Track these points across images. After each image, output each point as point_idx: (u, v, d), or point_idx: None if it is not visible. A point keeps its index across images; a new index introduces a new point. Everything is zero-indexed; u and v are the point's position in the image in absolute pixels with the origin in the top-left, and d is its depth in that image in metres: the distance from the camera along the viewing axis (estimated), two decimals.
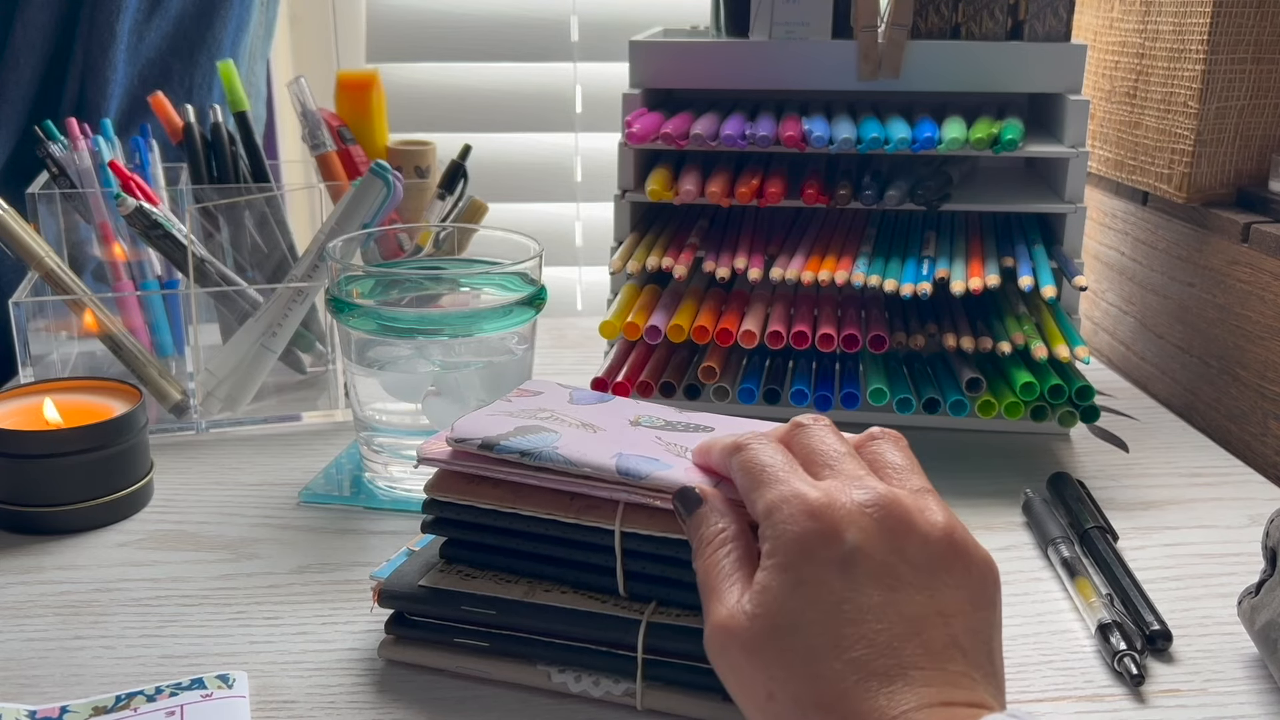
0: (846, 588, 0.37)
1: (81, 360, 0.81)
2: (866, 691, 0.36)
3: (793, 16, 0.75)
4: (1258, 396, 0.75)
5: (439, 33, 1.12)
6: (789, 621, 0.37)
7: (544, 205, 1.17)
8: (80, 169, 0.79)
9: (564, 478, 0.47)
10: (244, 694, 0.47)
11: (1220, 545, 0.62)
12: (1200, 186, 0.80)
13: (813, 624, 0.37)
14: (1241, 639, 0.53)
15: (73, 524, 0.63)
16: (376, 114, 0.87)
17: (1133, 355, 0.91)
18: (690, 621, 0.45)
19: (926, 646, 0.37)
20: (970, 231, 0.76)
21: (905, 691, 0.36)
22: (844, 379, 0.72)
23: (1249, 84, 0.78)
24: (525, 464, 0.47)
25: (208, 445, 0.74)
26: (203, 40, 0.96)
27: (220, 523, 0.64)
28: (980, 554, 0.41)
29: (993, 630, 0.40)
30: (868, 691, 0.36)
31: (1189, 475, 0.71)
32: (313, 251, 0.75)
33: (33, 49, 0.90)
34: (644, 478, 0.45)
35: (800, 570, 0.38)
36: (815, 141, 0.71)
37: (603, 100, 1.13)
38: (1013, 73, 0.74)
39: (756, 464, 0.42)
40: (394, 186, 0.73)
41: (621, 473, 0.46)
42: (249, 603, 0.56)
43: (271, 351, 0.75)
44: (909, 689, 0.36)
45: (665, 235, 0.77)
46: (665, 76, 0.78)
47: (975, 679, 0.37)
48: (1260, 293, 0.75)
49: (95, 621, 0.54)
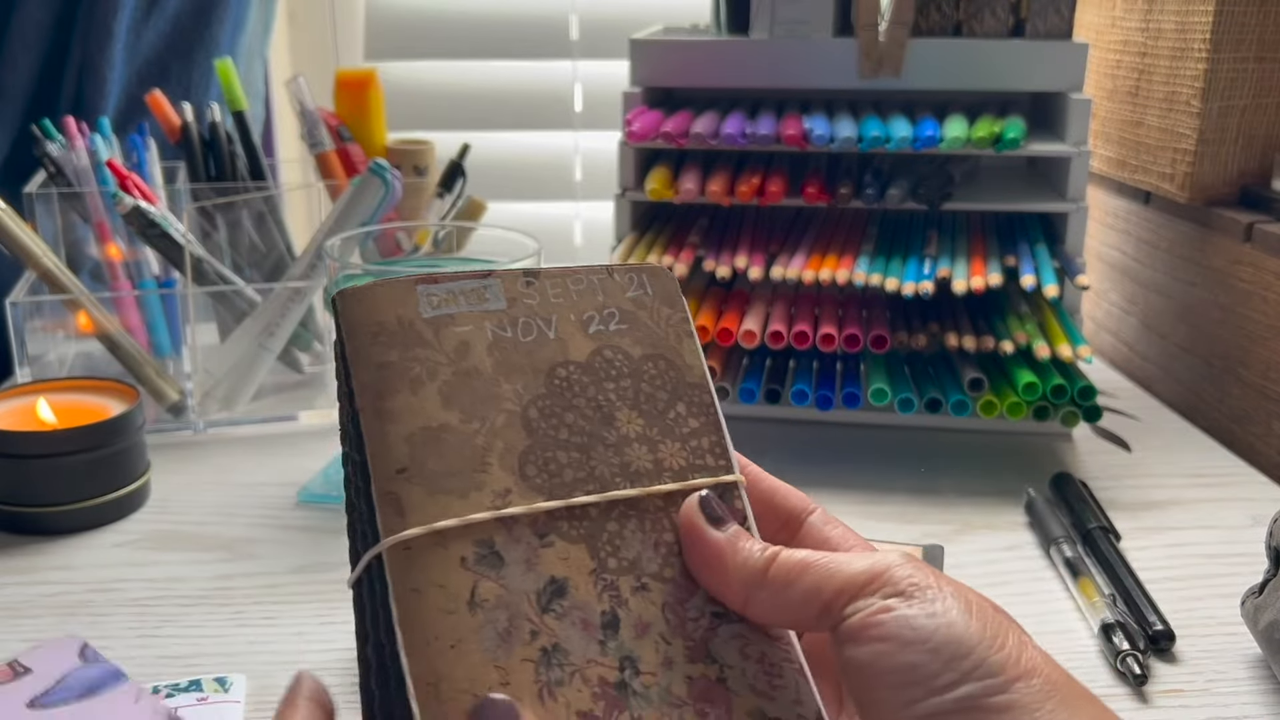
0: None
1: (79, 360, 0.81)
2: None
3: (793, 14, 0.75)
4: (1260, 397, 0.75)
5: (438, 31, 1.12)
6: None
7: (543, 204, 1.17)
8: (78, 168, 0.78)
9: None
10: (239, 699, 0.47)
11: (1223, 545, 0.62)
12: (1203, 186, 0.80)
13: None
14: (1244, 639, 0.53)
15: (69, 524, 0.62)
16: (375, 113, 0.87)
17: (1135, 355, 0.91)
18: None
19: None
20: (972, 230, 0.76)
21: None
22: (845, 379, 0.72)
23: (1252, 83, 0.78)
24: None
25: (205, 445, 0.74)
26: (200, 39, 0.96)
27: (218, 523, 0.64)
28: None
29: None
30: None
31: (1192, 475, 0.70)
32: (311, 250, 0.74)
33: (30, 47, 0.89)
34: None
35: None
36: (816, 140, 0.70)
37: (602, 99, 1.12)
38: (1014, 71, 0.74)
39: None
40: (392, 185, 0.72)
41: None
42: (247, 603, 0.56)
43: (269, 351, 0.74)
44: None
45: (665, 234, 0.76)
46: (665, 75, 0.78)
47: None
48: (1263, 293, 0.74)
49: (92, 622, 0.54)
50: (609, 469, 0.35)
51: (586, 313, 0.38)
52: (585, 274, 0.39)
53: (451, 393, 0.35)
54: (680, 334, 0.38)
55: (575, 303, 0.38)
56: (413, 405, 0.34)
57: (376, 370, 0.34)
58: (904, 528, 0.63)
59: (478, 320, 0.36)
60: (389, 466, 0.33)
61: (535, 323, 0.37)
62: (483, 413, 0.35)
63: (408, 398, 0.34)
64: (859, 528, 0.62)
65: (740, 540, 0.34)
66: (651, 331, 0.38)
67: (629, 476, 0.36)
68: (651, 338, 0.38)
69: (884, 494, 0.67)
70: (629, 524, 0.35)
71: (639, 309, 0.39)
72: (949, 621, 0.30)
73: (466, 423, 0.35)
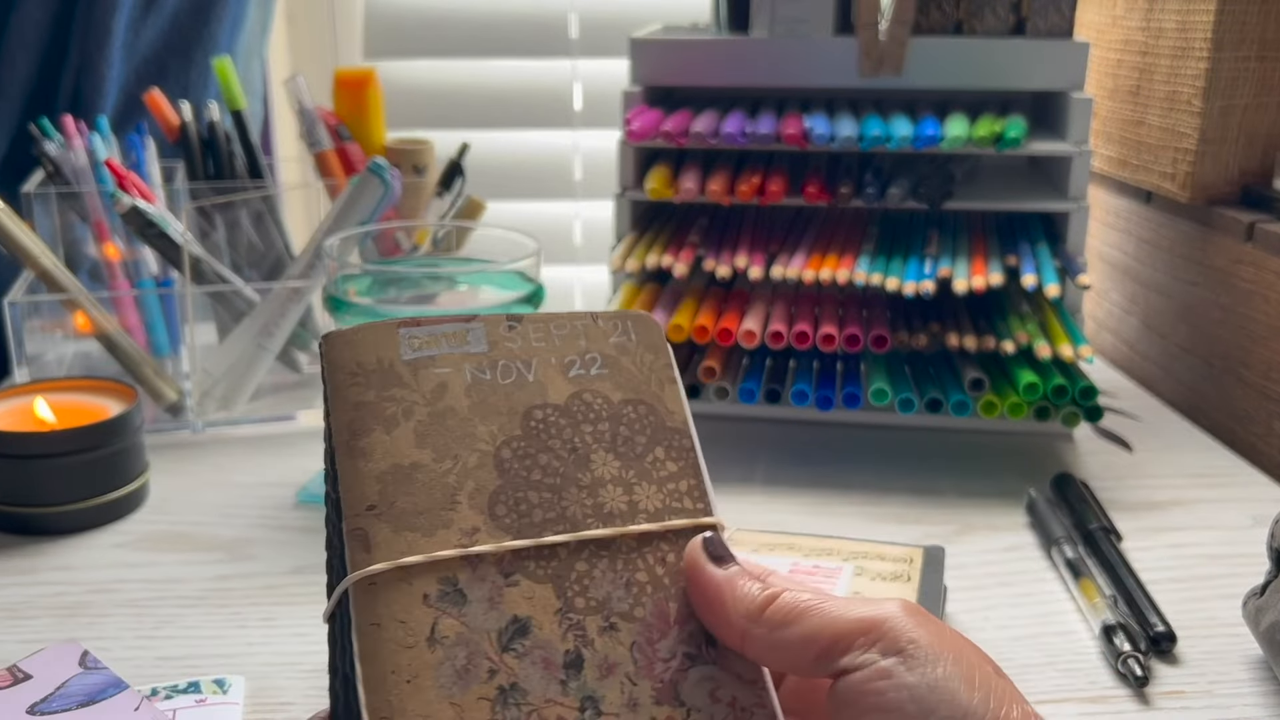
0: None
1: (77, 360, 0.80)
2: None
3: (794, 13, 0.75)
4: (1261, 397, 0.75)
5: (437, 29, 1.12)
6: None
7: (543, 203, 1.17)
8: (76, 167, 0.78)
9: None
10: (238, 700, 0.47)
11: (1224, 546, 0.61)
12: (1204, 185, 0.80)
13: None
14: (1246, 640, 0.52)
15: (68, 525, 0.62)
16: (374, 112, 0.87)
17: (1136, 355, 0.91)
18: None
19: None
20: (973, 230, 0.76)
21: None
22: (846, 379, 0.72)
23: (1253, 82, 0.77)
24: None
25: (204, 445, 0.74)
26: (199, 37, 0.95)
27: (216, 523, 0.64)
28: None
29: None
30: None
31: (1193, 476, 0.70)
32: (310, 250, 0.74)
33: (28, 46, 0.89)
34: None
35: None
36: (817, 139, 0.70)
37: (602, 97, 1.12)
38: (1015, 70, 0.74)
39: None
40: (391, 185, 0.72)
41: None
42: (246, 604, 0.55)
43: (268, 351, 0.74)
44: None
45: (665, 234, 0.76)
46: (665, 74, 0.77)
47: None
48: (1265, 292, 0.74)
49: (91, 623, 0.54)
50: (581, 510, 0.35)
51: (568, 357, 0.38)
52: (569, 319, 0.39)
53: (425, 432, 0.35)
54: (663, 380, 0.38)
55: (557, 347, 0.38)
56: (386, 444, 0.35)
57: (353, 409, 0.35)
58: (905, 528, 0.63)
59: (457, 362, 0.37)
60: (359, 503, 0.34)
61: (515, 365, 0.37)
62: (455, 452, 0.35)
63: (381, 436, 0.35)
64: (859, 528, 0.63)
65: (740, 579, 0.34)
66: (633, 376, 0.38)
67: (602, 517, 0.35)
68: (633, 383, 0.38)
69: (884, 494, 0.67)
70: (599, 564, 0.35)
71: (621, 354, 0.38)
72: (951, 693, 0.30)
73: (439, 462, 0.35)
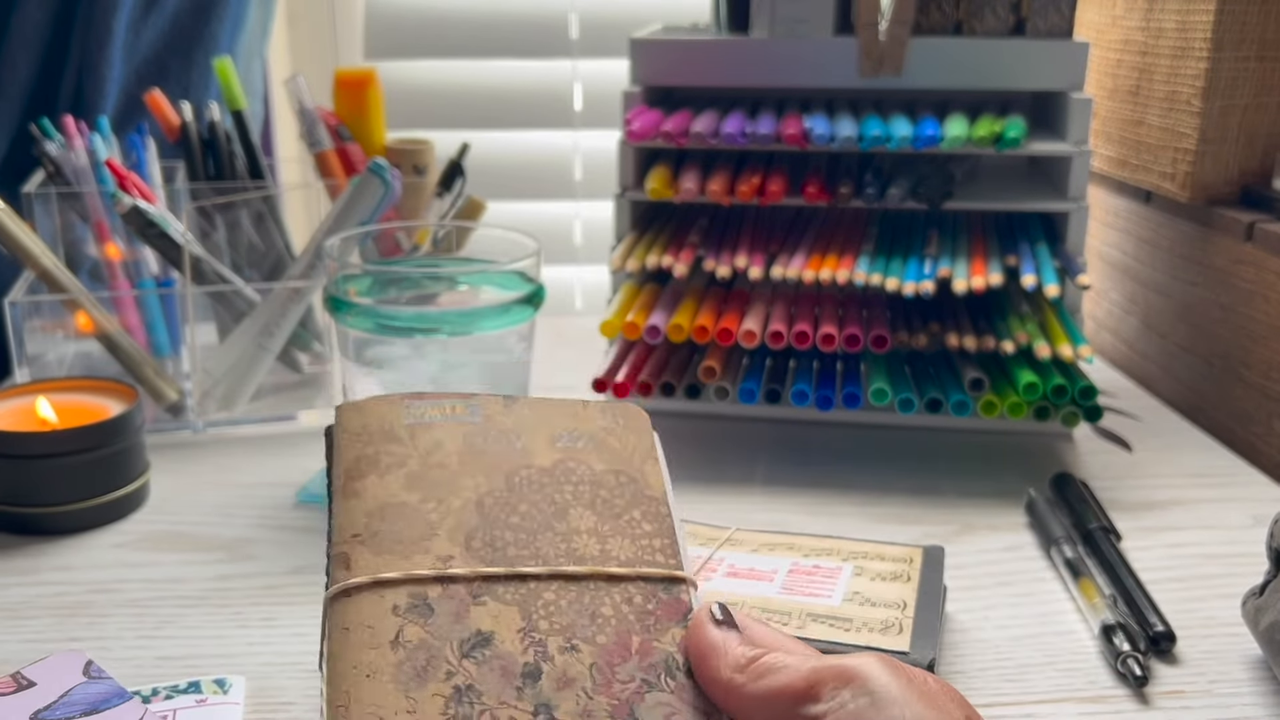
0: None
1: (78, 360, 0.80)
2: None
3: (794, 13, 0.75)
4: (1261, 397, 0.75)
5: (437, 30, 1.12)
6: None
7: (543, 203, 1.17)
8: (76, 167, 0.78)
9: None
10: (239, 700, 0.47)
11: (1224, 546, 0.62)
12: (1204, 185, 0.80)
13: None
14: (1245, 640, 0.52)
15: (68, 525, 0.62)
16: (374, 112, 0.87)
17: (1136, 355, 0.91)
18: None
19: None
20: (973, 230, 0.76)
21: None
22: (846, 379, 0.72)
23: (1253, 82, 0.78)
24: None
25: (204, 445, 0.74)
26: (200, 38, 0.95)
27: (217, 523, 0.64)
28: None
29: None
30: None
31: (1193, 475, 0.70)
32: (310, 250, 0.74)
33: (29, 46, 0.89)
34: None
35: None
36: (817, 139, 0.70)
37: (602, 98, 1.12)
38: (1015, 70, 0.74)
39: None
40: (392, 185, 0.72)
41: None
42: (246, 604, 0.55)
43: (269, 351, 0.74)
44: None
45: (665, 234, 0.76)
46: (666, 74, 0.77)
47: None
48: (1265, 292, 0.74)
49: (91, 623, 0.54)
50: (554, 550, 0.37)
51: (557, 431, 0.41)
52: (562, 404, 0.42)
53: (415, 479, 0.38)
54: (645, 458, 0.40)
55: (548, 423, 0.41)
56: (378, 486, 0.38)
57: (354, 461, 0.38)
58: (904, 528, 0.63)
59: (453, 429, 0.40)
60: (346, 532, 0.36)
61: (506, 436, 0.40)
62: (440, 495, 0.38)
63: (375, 480, 0.38)
64: (859, 528, 0.63)
65: (736, 640, 0.35)
66: (617, 453, 0.40)
67: (574, 559, 0.37)
68: (617, 458, 0.40)
69: (884, 494, 0.67)
70: (567, 594, 0.36)
71: (609, 435, 0.41)
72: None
73: (423, 503, 0.38)
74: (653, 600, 0.37)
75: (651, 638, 0.36)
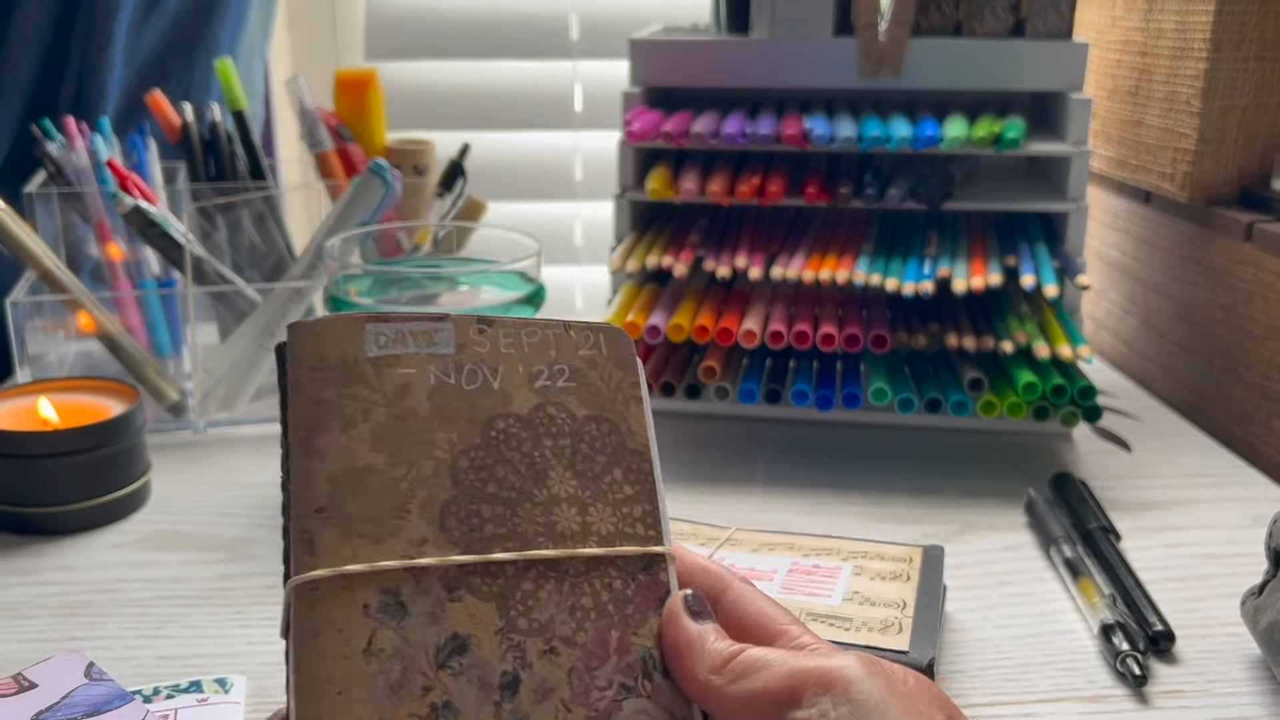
0: None
1: (79, 360, 0.80)
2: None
3: (794, 14, 0.75)
4: (1261, 397, 0.75)
5: (438, 30, 1.12)
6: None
7: (543, 204, 1.17)
8: (78, 168, 0.78)
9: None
10: (239, 700, 0.47)
11: (1223, 546, 0.62)
12: (1203, 185, 0.80)
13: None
14: (1244, 640, 0.52)
15: (70, 524, 0.62)
16: (375, 112, 0.87)
17: (1135, 355, 0.91)
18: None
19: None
20: (972, 230, 0.76)
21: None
22: (846, 379, 0.72)
23: (1252, 82, 0.78)
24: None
25: (205, 445, 0.74)
26: (201, 38, 0.95)
27: (218, 523, 0.64)
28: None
29: None
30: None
31: (1192, 475, 0.70)
32: (311, 250, 0.74)
33: (30, 47, 0.89)
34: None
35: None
36: (816, 140, 0.70)
37: (602, 98, 1.12)
38: (1014, 71, 0.74)
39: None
40: (392, 185, 0.72)
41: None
42: (247, 603, 0.56)
43: (269, 351, 0.74)
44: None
45: (665, 234, 0.76)
46: (666, 74, 0.78)
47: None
48: (1264, 292, 0.74)
49: (92, 622, 0.54)
50: (533, 527, 0.35)
51: (536, 366, 0.37)
52: (540, 327, 0.38)
53: (383, 434, 0.35)
54: (629, 398, 0.38)
55: (526, 355, 0.37)
56: (340, 444, 0.34)
57: (310, 406, 0.34)
58: (904, 528, 0.63)
59: (422, 363, 0.36)
60: (308, 504, 0.33)
61: (481, 370, 0.37)
62: (411, 457, 0.35)
63: (337, 436, 0.34)
64: (859, 528, 0.63)
65: (712, 635, 0.35)
66: (599, 392, 0.38)
67: (553, 537, 0.35)
68: (599, 399, 0.38)
69: (885, 494, 0.67)
70: (546, 585, 0.34)
71: (590, 368, 0.38)
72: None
73: (393, 467, 0.34)
74: (631, 584, 0.35)
75: (630, 631, 0.35)
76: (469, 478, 0.35)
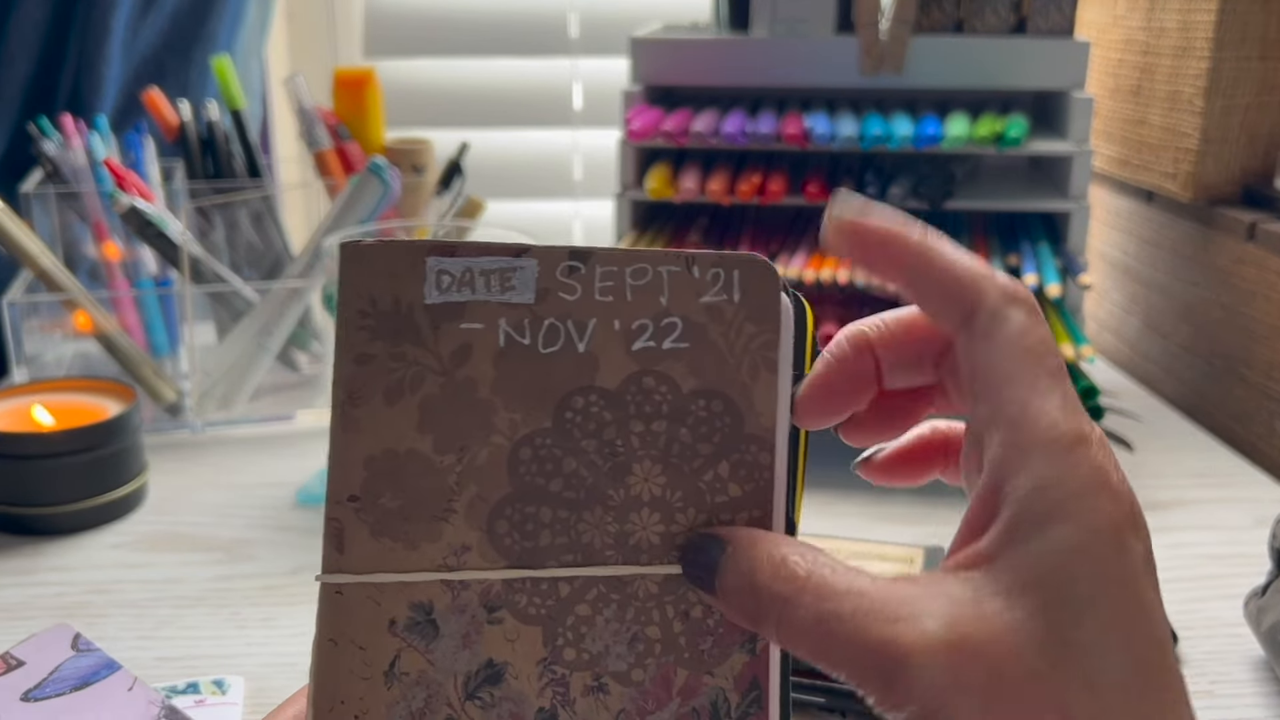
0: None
1: (76, 360, 0.80)
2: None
3: (794, 12, 0.75)
4: (1263, 397, 0.74)
5: (436, 28, 1.11)
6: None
7: (542, 203, 1.17)
8: (75, 167, 0.78)
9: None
10: (238, 700, 0.46)
11: (1226, 546, 0.61)
12: (1205, 185, 0.80)
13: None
14: (1247, 640, 0.52)
15: (67, 525, 0.62)
16: (373, 111, 0.87)
17: (1137, 355, 0.91)
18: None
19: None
20: (974, 229, 0.76)
21: None
22: None
23: (1255, 81, 0.77)
24: None
25: (203, 445, 0.74)
26: (198, 37, 0.95)
27: (215, 524, 0.63)
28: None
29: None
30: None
31: (1194, 476, 0.70)
32: (309, 250, 0.74)
33: (27, 45, 0.89)
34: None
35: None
36: (817, 138, 0.70)
37: (602, 96, 1.12)
38: (1016, 69, 0.74)
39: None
40: (391, 184, 0.72)
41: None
42: (245, 604, 0.55)
43: (267, 350, 0.74)
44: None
45: (665, 233, 0.76)
46: (666, 73, 0.77)
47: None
48: (1266, 292, 0.74)
49: (90, 623, 0.53)
50: (601, 537, 0.29)
51: (638, 320, 0.29)
52: (654, 261, 0.29)
53: (433, 410, 0.29)
54: (758, 363, 0.29)
55: (628, 303, 0.29)
56: (383, 419, 0.28)
57: (355, 365, 0.28)
58: (907, 529, 0.63)
59: (492, 315, 0.29)
60: (342, 489, 0.29)
61: (565, 326, 0.29)
62: (464, 442, 0.29)
63: (380, 408, 0.29)
64: (861, 528, 0.62)
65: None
66: (719, 356, 0.29)
67: (623, 551, 0.29)
68: (716, 366, 0.29)
69: (887, 494, 0.67)
70: (606, 610, 0.29)
71: (713, 321, 0.29)
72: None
73: (441, 453, 0.29)
74: (715, 614, 0.28)
75: (703, 670, 0.29)
76: (530, 471, 0.29)
